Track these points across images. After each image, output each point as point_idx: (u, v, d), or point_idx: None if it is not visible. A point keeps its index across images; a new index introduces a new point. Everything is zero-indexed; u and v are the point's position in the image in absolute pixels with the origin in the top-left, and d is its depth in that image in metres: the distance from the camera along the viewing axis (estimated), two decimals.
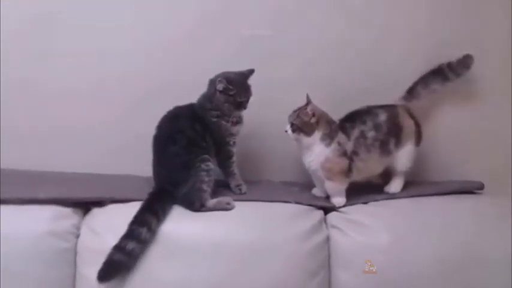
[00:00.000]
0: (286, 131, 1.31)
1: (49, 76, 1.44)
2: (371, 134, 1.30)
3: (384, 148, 1.32)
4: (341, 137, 1.30)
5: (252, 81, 1.31)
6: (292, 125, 1.30)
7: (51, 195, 1.24)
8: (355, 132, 1.30)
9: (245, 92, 1.29)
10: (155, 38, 1.45)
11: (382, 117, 1.32)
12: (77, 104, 1.46)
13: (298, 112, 1.30)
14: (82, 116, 1.47)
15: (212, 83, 1.30)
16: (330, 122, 1.31)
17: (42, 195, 1.23)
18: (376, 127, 1.31)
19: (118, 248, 1.13)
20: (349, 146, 1.29)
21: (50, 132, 1.47)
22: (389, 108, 1.35)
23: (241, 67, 1.33)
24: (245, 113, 1.34)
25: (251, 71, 1.31)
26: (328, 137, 1.29)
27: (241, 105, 1.30)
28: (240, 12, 1.45)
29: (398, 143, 1.33)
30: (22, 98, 1.44)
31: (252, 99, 1.31)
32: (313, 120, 1.29)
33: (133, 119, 1.46)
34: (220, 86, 1.26)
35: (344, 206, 1.30)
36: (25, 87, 1.44)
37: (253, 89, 1.31)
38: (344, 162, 1.29)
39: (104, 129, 1.48)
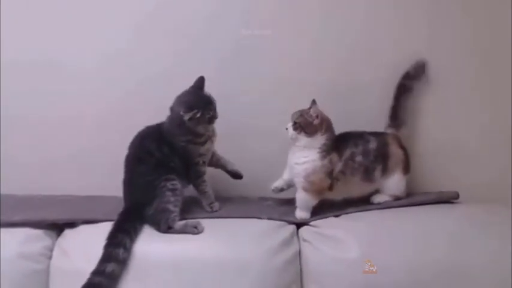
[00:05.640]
0: (286, 129, 1.30)
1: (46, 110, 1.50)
2: (359, 158, 1.31)
3: (367, 174, 1.32)
4: (334, 155, 1.30)
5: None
6: (295, 123, 1.29)
7: (25, 217, 1.26)
8: (347, 153, 1.31)
9: (209, 104, 1.28)
10: (152, 67, 1.49)
11: (372, 145, 1.32)
12: (72, 133, 1.52)
13: (302, 112, 1.30)
14: (79, 143, 1.52)
15: (174, 111, 1.29)
16: (332, 131, 1.31)
17: (16, 218, 1.26)
18: (365, 153, 1.31)
19: (97, 272, 1.12)
20: (338, 166, 1.30)
21: (47, 159, 1.51)
22: (380, 136, 1.36)
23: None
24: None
25: (202, 80, 1.29)
26: (326, 150, 1.29)
27: (213, 117, 1.29)
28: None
29: (385, 171, 1.33)
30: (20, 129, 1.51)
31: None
32: (316, 121, 1.28)
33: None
34: (186, 116, 1.24)
35: (313, 219, 1.29)
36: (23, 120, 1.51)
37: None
38: (326, 182, 1.29)
39: (102, 153, 1.51)
